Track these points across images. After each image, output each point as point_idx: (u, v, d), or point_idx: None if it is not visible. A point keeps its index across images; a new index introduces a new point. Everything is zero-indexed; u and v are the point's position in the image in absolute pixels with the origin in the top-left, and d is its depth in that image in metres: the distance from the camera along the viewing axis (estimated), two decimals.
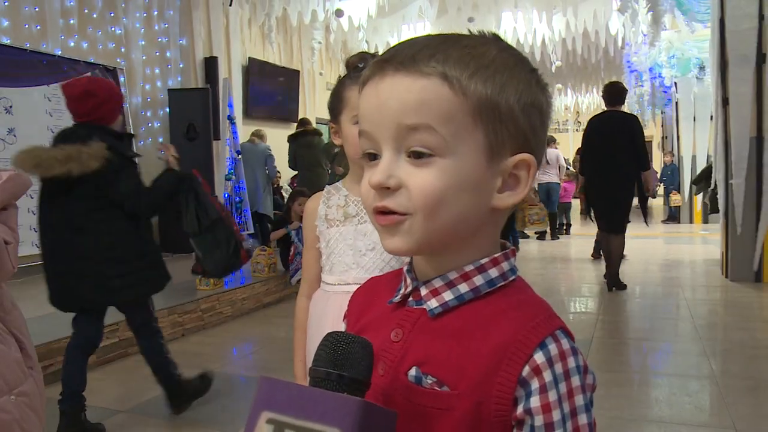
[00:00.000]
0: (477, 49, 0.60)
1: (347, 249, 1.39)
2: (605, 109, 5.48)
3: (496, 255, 0.63)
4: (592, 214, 5.69)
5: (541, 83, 0.63)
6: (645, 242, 8.44)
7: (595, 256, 6.82)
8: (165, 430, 2.78)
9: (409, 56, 0.59)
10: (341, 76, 1.41)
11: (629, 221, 5.43)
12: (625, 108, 6.62)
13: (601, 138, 5.24)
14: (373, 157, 0.61)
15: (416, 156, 0.58)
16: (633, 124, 5.26)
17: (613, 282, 5.36)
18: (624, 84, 6.24)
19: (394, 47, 0.62)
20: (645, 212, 5.73)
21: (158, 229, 7.22)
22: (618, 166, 5.09)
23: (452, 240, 0.61)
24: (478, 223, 0.62)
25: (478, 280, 0.62)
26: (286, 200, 7.44)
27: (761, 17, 5.31)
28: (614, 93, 5.42)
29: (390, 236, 0.61)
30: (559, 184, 9.47)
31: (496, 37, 0.63)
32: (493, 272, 0.63)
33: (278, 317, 4.89)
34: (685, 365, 3.52)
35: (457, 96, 0.58)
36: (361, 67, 1.34)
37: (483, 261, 0.62)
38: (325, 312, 1.39)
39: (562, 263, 7.02)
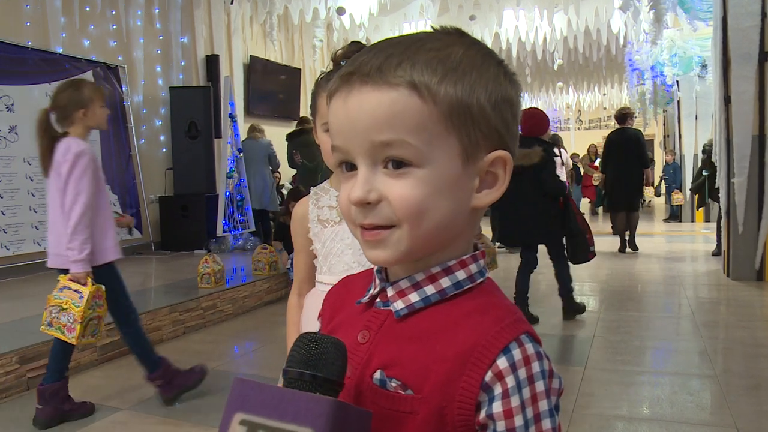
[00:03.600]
0: (443, 51, 0.59)
1: (346, 248, 1.38)
2: (618, 126, 7.70)
3: (464, 257, 0.63)
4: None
5: (509, 75, 0.63)
6: (647, 240, 8.43)
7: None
8: (166, 427, 2.78)
9: (375, 67, 0.57)
10: (322, 72, 1.39)
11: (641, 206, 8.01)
12: (628, 105, 9.36)
13: (617, 147, 7.53)
14: (349, 167, 0.61)
15: (393, 167, 0.58)
16: (638, 136, 7.67)
17: (632, 246, 7.68)
18: (632, 108, 8.64)
19: (358, 56, 0.60)
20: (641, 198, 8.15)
21: (160, 230, 7.24)
22: (630, 166, 7.39)
23: (435, 245, 0.61)
24: (460, 226, 0.62)
25: (445, 282, 0.61)
26: (285, 198, 7.44)
27: (764, 15, 5.30)
28: (622, 116, 7.68)
29: (375, 248, 0.60)
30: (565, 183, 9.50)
31: (459, 33, 0.62)
32: (461, 274, 0.62)
33: (279, 315, 4.89)
34: (687, 364, 3.52)
35: (427, 105, 0.57)
36: (342, 65, 1.33)
37: (450, 263, 0.62)
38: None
39: None
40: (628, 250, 7.66)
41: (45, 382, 2.76)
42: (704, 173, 7.90)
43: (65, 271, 2.71)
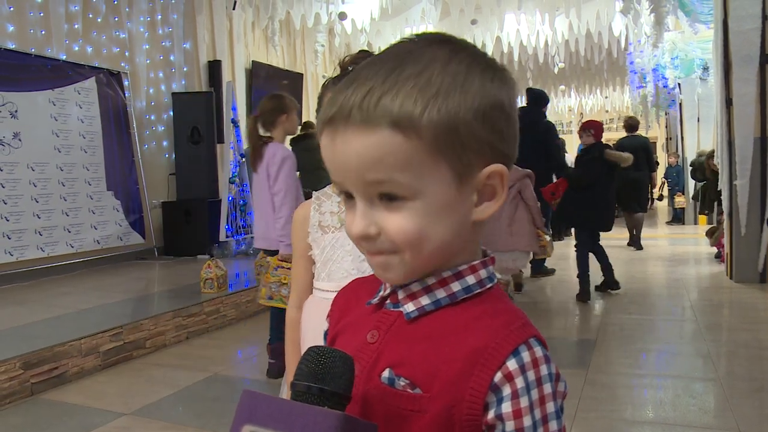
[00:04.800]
0: (422, 76, 0.57)
1: (345, 255, 1.38)
2: (627, 134, 8.43)
3: (474, 262, 0.64)
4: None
5: (498, 76, 0.61)
6: (650, 243, 8.43)
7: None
8: None
9: (356, 106, 0.57)
10: (329, 78, 1.39)
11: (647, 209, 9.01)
12: (629, 107, 10.82)
13: (628, 151, 8.44)
14: (350, 195, 0.61)
15: (388, 199, 0.59)
16: (648, 143, 8.46)
17: (636, 245, 8.25)
18: (638, 117, 9.54)
19: (339, 92, 0.60)
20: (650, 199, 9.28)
21: (163, 235, 7.25)
22: (641, 169, 8.00)
23: (440, 262, 0.62)
24: (463, 240, 0.63)
25: (455, 286, 0.63)
26: None
27: (764, 17, 5.30)
28: (633, 125, 8.38)
29: (383, 270, 0.62)
30: None
31: (441, 41, 0.61)
32: (470, 279, 0.63)
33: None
34: (690, 367, 3.51)
35: (411, 140, 0.56)
36: (349, 71, 1.32)
37: (461, 268, 0.63)
38: (323, 321, 1.37)
39: (566, 263, 7.01)
40: (631, 247, 8.26)
41: (272, 342, 3.44)
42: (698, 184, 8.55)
43: (272, 252, 3.36)
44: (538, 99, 6.20)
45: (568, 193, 5.29)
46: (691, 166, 8.62)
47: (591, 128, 5.39)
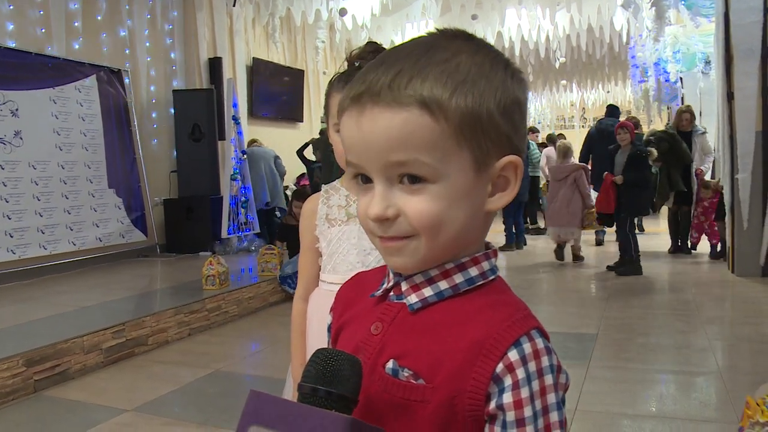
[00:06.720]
0: (451, 62, 0.59)
1: (351, 248, 1.38)
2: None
3: (477, 255, 0.64)
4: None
5: (516, 75, 0.64)
6: (653, 238, 8.42)
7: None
8: (171, 428, 2.80)
9: (385, 85, 0.58)
10: (336, 73, 1.39)
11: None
12: (631, 102, 11.79)
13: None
14: (365, 178, 0.62)
15: (409, 182, 0.59)
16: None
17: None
18: (640, 112, 10.42)
19: (368, 72, 0.61)
20: None
21: (165, 232, 7.27)
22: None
23: (451, 252, 0.63)
24: (475, 231, 0.64)
25: (458, 278, 0.63)
26: (290, 199, 7.46)
27: (765, 10, 5.28)
28: (635, 124, 8.17)
29: (395, 256, 0.62)
30: None
31: (465, 37, 0.63)
32: (473, 271, 0.64)
33: (284, 316, 4.90)
34: (691, 361, 3.51)
35: (439, 122, 0.58)
36: (356, 66, 1.33)
37: (464, 260, 0.64)
38: (327, 312, 1.39)
39: (567, 260, 7.00)
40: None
41: None
42: (654, 170, 6.84)
43: None
44: (615, 111, 7.79)
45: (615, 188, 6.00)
46: (653, 136, 7.12)
47: (626, 127, 6.05)
